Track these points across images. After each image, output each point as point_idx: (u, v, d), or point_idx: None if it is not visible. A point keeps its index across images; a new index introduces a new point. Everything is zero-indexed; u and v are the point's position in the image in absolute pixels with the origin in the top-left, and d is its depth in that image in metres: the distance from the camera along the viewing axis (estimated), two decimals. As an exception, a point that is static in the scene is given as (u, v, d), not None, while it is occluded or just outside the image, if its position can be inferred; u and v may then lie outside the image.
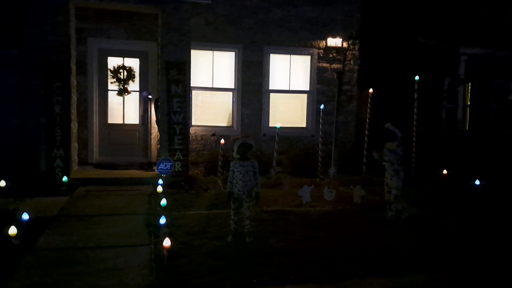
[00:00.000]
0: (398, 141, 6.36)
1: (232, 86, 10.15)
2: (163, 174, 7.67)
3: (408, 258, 4.95)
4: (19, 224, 5.03)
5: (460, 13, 12.47)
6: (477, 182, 7.61)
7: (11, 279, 4.06)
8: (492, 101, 12.31)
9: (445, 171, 8.51)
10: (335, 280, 4.29)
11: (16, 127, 7.92)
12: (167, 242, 4.52)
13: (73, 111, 8.35)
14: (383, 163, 6.44)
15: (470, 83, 12.32)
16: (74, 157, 8.53)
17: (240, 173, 5.29)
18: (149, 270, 4.34)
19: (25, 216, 5.30)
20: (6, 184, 6.76)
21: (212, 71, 10.07)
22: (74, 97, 8.41)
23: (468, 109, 12.35)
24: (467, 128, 12.41)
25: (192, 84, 8.97)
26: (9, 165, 7.68)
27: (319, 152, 9.45)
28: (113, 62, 9.44)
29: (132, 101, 9.67)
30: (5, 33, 7.81)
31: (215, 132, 9.89)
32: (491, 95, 12.28)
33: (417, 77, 9.49)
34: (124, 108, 9.65)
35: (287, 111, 10.58)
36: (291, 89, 10.58)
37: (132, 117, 9.71)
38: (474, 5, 12.63)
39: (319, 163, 9.34)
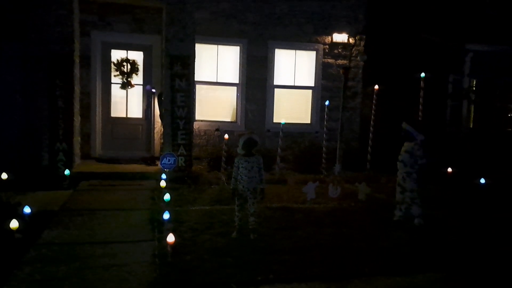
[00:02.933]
0: (415, 142, 6.05)
1: (237, 81, 10.07)
2: (166, 169, 7.60)
3: (416, 257, 4.88)
4: (21, 218, 4.97)
5: (466, 9, 12.37)
6: (482, 180, 7.52)
7: (13, 275, 4.00)
8: (497, 99, 12.24)
9: (449, 169, 8.43)
10: (341, 279, 4.22)
11: (19, 120, 7.86)
12: (170, 238, 4.45)
13: (76, 104, 8.28)
14: (397, 162, 6.21)
15: (475, 80, 12.24)
16: (77, 151, 8.47)
17: (245, 169, 5.23)
18: (153, 267, 4.27)
19: (27, 210, 5.25)
20: (8, 177, 6.68)
21: (217, 66, 9.99)
22: (77, 90, 8.34)
23: (472, 106, 12.27)
24: (471, 126, 12.34)
25: (196, 79, 8.87)
26: (11, 159, 7.61)
27: (324, 148, 9.37)
28: (116, 55, 9.37)
29: (136, 94, 9.61)
30: (8, 25, 7.73)
31: (219, 127, 9.83)
32: (496, 92, 12.21)
33: (423, 74, 9.39)
34: (127, 101, 9.59)
35: (292, 107, 10.50)
36: (295, 84, 10.50)
37: (136, 111, 9.65)
38: (479, 1, 12.54)
39: (323, 160, 9.26)
